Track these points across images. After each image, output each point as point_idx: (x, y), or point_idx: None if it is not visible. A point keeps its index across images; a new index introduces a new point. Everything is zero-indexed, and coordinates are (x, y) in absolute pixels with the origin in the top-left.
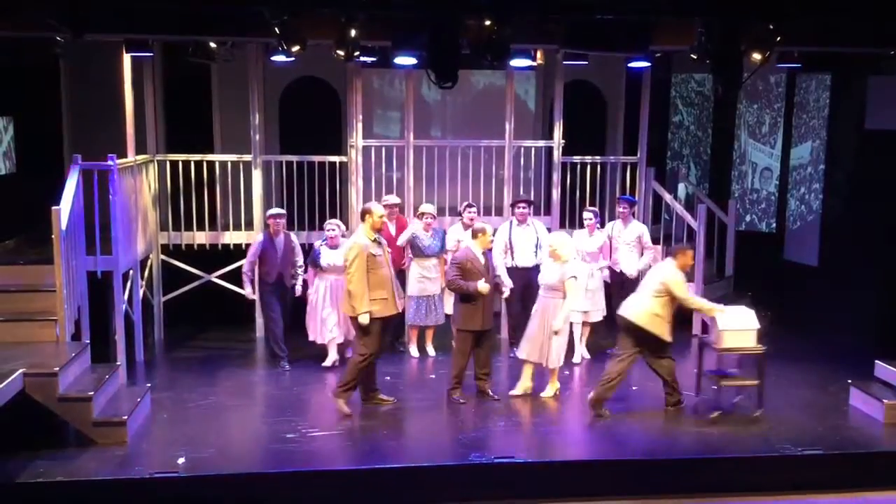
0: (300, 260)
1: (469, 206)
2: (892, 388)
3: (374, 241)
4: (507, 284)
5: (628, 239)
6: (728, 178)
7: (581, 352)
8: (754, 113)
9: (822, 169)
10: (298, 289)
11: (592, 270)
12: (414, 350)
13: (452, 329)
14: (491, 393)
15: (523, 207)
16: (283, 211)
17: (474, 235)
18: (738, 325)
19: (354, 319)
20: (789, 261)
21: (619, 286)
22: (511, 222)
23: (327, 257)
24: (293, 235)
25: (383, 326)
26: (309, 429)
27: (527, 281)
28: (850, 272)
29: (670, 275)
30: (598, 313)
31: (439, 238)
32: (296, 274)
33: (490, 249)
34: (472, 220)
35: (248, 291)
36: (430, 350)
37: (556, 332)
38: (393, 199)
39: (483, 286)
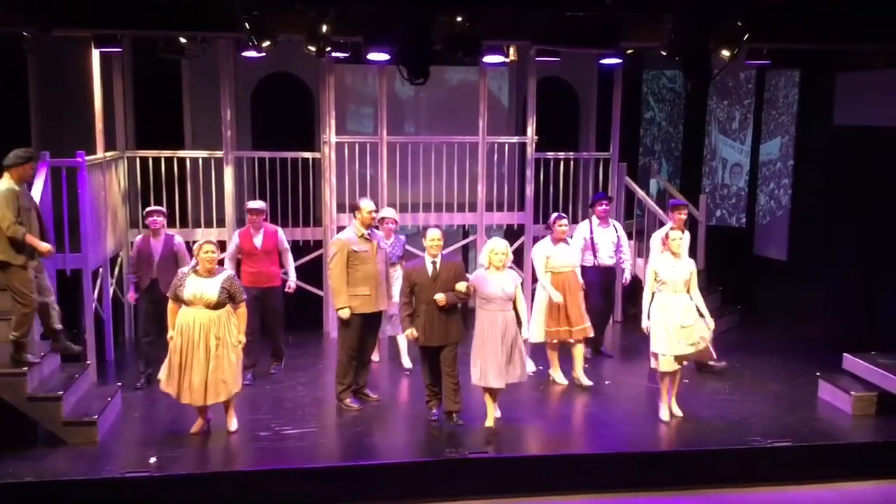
0: (188, 266)
1: (560, 216)
2: (860, 380)
3: (362, 237)
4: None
5: (687, 247)
6: (699, 174)
7: (674, 409)
8: (724, 109)
9: (791, 165)
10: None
11: (687, 304)
12: (375, 355)
13: None
14: (433, 413)
15: (605, 205)
16: (161, 208)
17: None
18: None
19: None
20: (759, 255)
21: None
22: (591, 221)
23: (196, 287)
24: (178, 237)
25: (366, 323)
26: (282, 426)
27: (609, 280)
28: (819, 267)
29: None
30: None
31: (400, 245)
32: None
33: (437, 257)
34: (564, 232)
35: (129, 296)
36: (406, 363)
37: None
38: (255, 203)
39: (411, 333)
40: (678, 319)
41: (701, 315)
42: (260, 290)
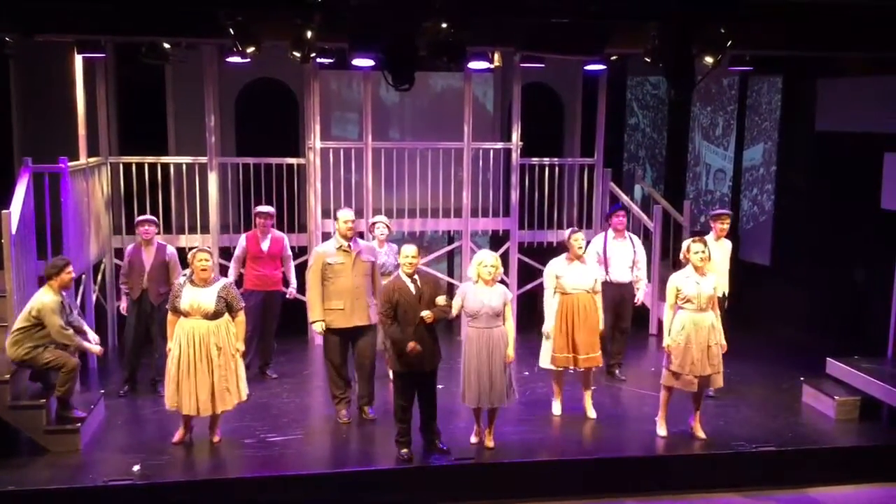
0: (179, 276)
1: (574, 231)
2: (843, 384)
3: (340, 248)
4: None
5: (724, 258)
6: (683, 180)
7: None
8: (708, 115)
9: (773, 170)
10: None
11: (713, 322)
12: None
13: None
14: (441, 446)
15: (621, 217)
16: (152, 217)
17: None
18: None
19: None
20: (743, 260)
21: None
22: (606, 234)
23: (193, 297)
24: (170, 248)
25: (343, 338)
26: (268, 433)
27: (620, 297)
28: (802, 271)
29: None
30: (719, 375)
31: (393, 254)
32: (169, 292)
33: (414, 274)
34: (580, 249)
35: (122, 305)
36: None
37: (510, 363)
38: (265, 208)
39: (412, 347)
40: (704, 339)
41: None
42: (265, 293)
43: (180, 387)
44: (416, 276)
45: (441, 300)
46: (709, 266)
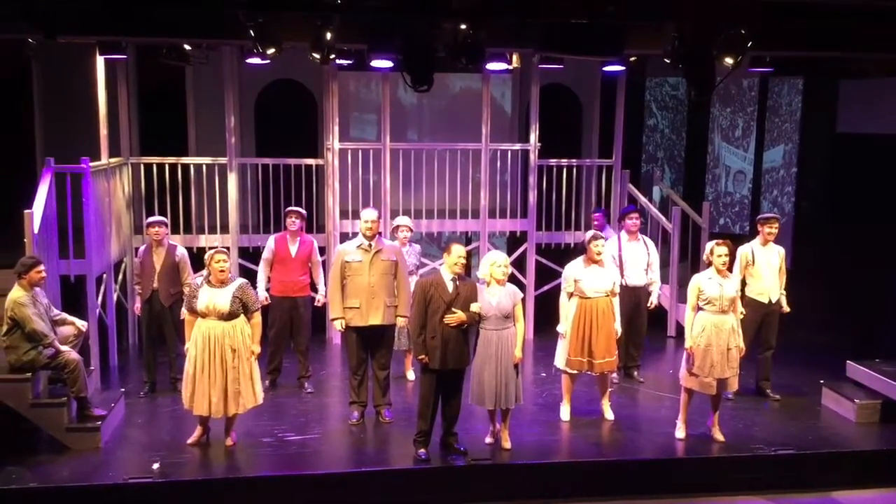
0: (190, 277)
1: (595, 236)
2: (864, 388)
3: (360, 247)
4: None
5: (775, 264)
6: (702, 181)
7: (717, 435)
8: (727, 117)
9: (794, 172)
10: (185, 312)
11: (734, 325)
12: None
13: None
14: (458, 446)
15: (635, 219)
16: (163, 218)
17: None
18: None
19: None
20: None
21: (762, 318)
22: (620, 236)
23: (209, 298)
24: (180, 248)
25: (360, 337)
26: (286, 433)
27: (636, 302)
28: (822, 274)
29: None
30: (735, 378)
31: (414, 255)
32: (180, 293)
33: (459, 275)
34: (599, 254)
35: (136, 306)
36: (410, 375)
37: (517, 363)
38: (297, 208)
39: (422, 359)
40: (725, 341)
41: None
42: (290, 298)
43: (195, 387)
44: (455, 277)
45: (475, 307)
46: (755, 272)
